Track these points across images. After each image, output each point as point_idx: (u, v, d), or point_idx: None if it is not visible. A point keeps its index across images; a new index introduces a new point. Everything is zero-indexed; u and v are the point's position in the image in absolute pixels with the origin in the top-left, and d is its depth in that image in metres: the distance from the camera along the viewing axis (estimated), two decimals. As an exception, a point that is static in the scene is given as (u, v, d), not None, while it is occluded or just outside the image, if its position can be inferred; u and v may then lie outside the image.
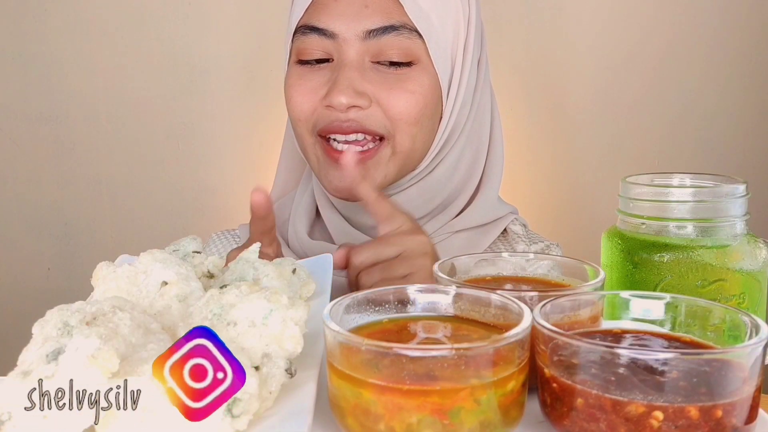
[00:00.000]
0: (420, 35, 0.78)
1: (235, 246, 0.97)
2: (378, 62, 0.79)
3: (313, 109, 0.80)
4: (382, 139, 0.80)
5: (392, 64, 0.79)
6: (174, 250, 0.59)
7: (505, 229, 0.92)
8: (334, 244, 0.88)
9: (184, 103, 1.76)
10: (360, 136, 0.79)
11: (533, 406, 0.42)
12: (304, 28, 0.81)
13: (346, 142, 0.80)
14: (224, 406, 0.37)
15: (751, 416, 0.38)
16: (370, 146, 0.80)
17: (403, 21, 0.78)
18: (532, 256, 0.56)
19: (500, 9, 1.63)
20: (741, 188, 0.51)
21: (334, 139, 0.80)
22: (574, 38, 1.65)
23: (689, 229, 0.51)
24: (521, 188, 1.62)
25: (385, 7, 0.78)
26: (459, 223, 0.88)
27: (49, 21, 1.73)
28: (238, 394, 0.37)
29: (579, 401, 0.38)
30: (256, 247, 0.58)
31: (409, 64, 0.79)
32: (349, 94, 0.76)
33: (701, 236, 0.50)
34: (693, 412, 0.36)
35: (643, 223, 0.52)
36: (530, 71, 1.66)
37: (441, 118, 0.84)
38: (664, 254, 0.50)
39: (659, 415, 0.36)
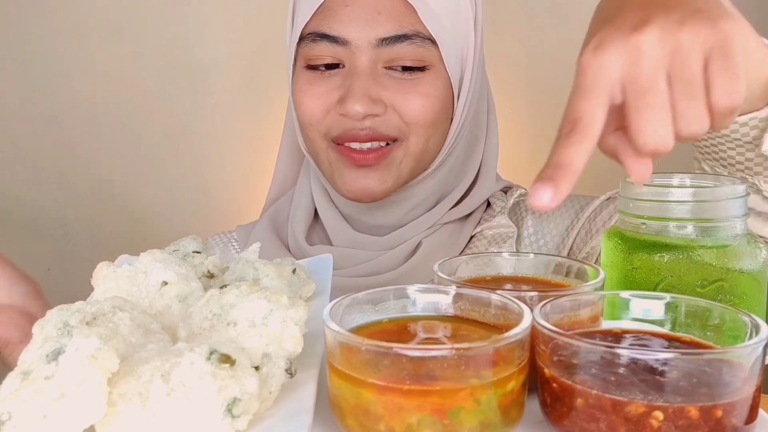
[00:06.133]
0: (433, 41, 0.78)
1: (233, 250, 0.97)
2: (390, 68, 0.78)
3: (325, 113, 0.79)
4: (395, 140, 0.80)
5: (405, 69, 0.78)
6: (174, 250, 0.59)
7: (490, 204, 0.91)
8: (332, 245, 0.88)
9: (184, 103, 1.76)
10: (376, 144, 0.79)
11: (533, 406, 0.42)
12: (314, 35, 0.79)
13: (361, 149, 0.79)
14: (225, 406, 0.37)
15: (751, 416, 0.38)
16: (383, 146, 0.79)
17: (416, 29, 0.77)
18: (531, 256, 0.56)
19: (500, 8, 1.62)
20: (741, 188, 0.51)
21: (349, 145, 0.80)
22: (575, 37, 1.65)
23: (689, 229, 0.51)
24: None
25: (398, 14, 0.77)
26: (454, 213, 0.87)
27: (49, 21, 1.73)
28: (238, 394, 0.37)
29: (579, 401, 0.38)
30: (256, 246, 0.58)
31: (422, 68, 0.78)
32: (364, 103, 0.75)
33: (701, 236, 0.50)
34: (693, 412, 0.36)
35: (643, 223, 0.52)
36: (531, 72, 1.66)
37: (452, 118, 0.84)
38: (664, 254, 0.50)
39: (659, 415, 0.36)
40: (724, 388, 0.37)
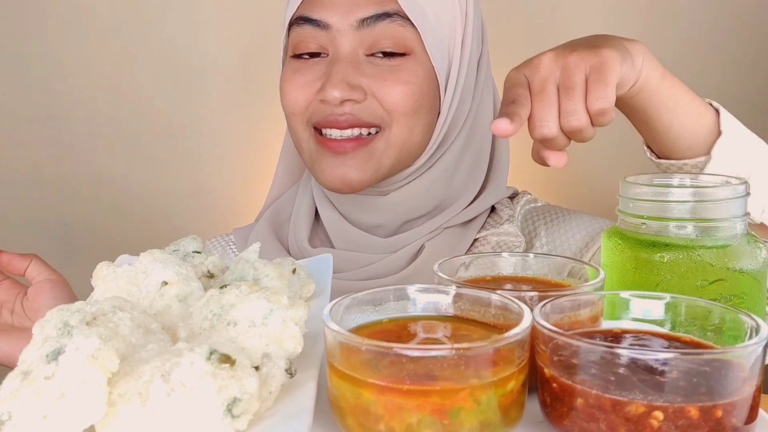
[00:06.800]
0: (413, 24, 0.78)
1: (232, 253, 0.97)
2: (372, 55, 0.79)
3: (308, 102, 0.81)
4: (378, 129, 0.80)
5: (386, 55, 0.79)
6: (174, 250, 0.59)
7: (494, 209, 0.91)
8: (334, 248, 0.88)
9: (184, 103, 1.76)
10: (356, 131, 0.79)
11: (533, 406, 0.42)
12: (299, 20, 0.81)
13: (341, 137, 0.79)
14: (225, 406, 0.37)
15: (751, 416, 0.38)
16: (365, 135, 0.80)
17: (396, 9, 0.78)
18: (531, 256, 0.56)
19: (501, 8, 1.62)
20: (741, 188, 0.51)
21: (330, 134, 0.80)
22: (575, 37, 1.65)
23: (689, 229, 0.51)
24: (521, 188, 1.61)
25: None
26: (457, 217, 0.87)
27: (49, 21, 1.73)
28: (238, 394, 0.37)
29: (579, 401, 0.38)
30: (256, 246, 0.58)
31: (403, 54, 0.79)
32: (342, 88, 0.76)
33: (701, 236, 0.50)
34: (693, 412, 0.36)
35: (643, 223, 0.52)
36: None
37: (439, 113, 0.84)
38: (664, 254, 0.50)
39: (659, 415, 0.36)
40: (724, 388, 0.37)
